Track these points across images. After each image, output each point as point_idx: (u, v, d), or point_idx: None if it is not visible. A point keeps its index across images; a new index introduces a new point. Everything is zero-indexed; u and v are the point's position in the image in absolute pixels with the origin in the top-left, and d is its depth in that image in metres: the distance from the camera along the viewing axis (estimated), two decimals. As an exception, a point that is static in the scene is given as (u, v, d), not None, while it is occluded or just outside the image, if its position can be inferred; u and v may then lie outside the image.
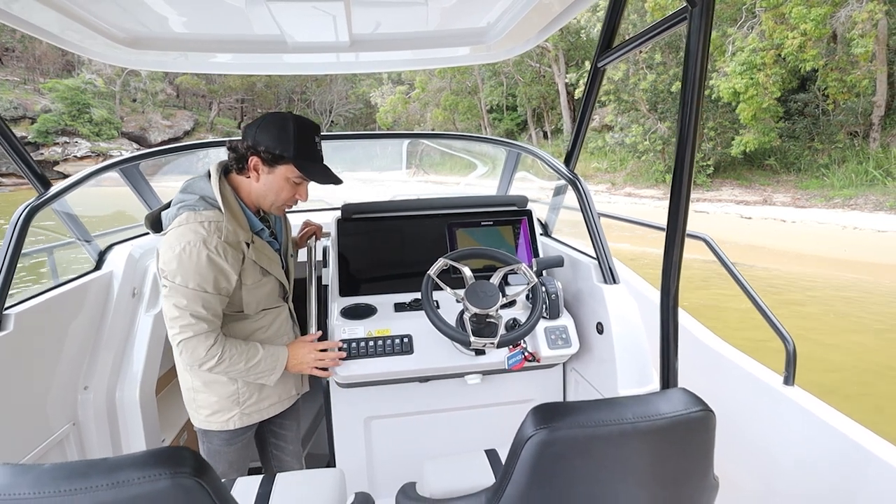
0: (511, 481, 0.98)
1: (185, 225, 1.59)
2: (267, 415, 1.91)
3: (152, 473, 0.75)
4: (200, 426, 1.86)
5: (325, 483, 1.55)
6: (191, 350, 1.63)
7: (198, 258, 1.57)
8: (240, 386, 1.82)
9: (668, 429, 0.98)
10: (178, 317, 1.60)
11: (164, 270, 1.60)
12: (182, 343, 1.62)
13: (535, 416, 0.97)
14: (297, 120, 1.68)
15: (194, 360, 1.65)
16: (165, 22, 1.88)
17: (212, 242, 1.59)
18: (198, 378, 1.81)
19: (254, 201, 1.76)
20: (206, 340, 1.63)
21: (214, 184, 1.66)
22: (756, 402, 1.72)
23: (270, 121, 1.67)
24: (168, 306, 1.62)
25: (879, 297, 9.19)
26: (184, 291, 1.59)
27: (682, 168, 1.35)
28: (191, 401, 1.85)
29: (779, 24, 15.06)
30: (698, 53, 1.26)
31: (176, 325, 1.61)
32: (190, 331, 1.61)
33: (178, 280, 1.58)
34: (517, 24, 1.95)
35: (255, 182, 1.71)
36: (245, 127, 1.70)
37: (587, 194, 2.21)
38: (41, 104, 34.62)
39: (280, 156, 1.65)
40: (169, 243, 1.59)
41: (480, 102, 31.44)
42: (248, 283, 1.73)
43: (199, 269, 1.58)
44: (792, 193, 16.40)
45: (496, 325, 1.85)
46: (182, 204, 1.64)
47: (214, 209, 1.64)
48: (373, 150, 16.10)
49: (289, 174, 1.69)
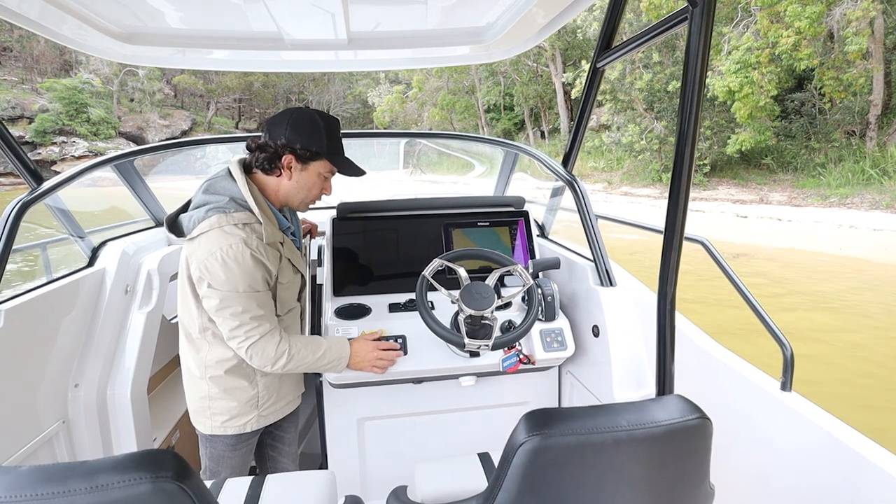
0: (502, 489, 0.97)
1: (218, 228, 1.56)
2: (281, 415, 1.93)
3: (133, 477, 0.74)
4: (214, 433, 1.82)
5: (315, 485, 1.53)
6: (261, 352, 1.63)
7: (243, 260, 1.56)
8: (260, 389, 1.82)
9: (664, 437, 0.96)
10: (238, 325, 1.60)
11: (209, 278, 1.57)
12: (251, 348, 1.62)
13: (527, 423, 0.95)
14: (323, 116, 1.70)
15: (266, 362, 1.64)
16: (162, 17, 1.86)
17: (252, 243, 1.58)
18: (217, 386, 1.77)
19: (281, 199, 1.76)
20: (272, 339, 1.64)
21: (242, 184, 1.64)
22: (753, 408, 1.71)
23: (299, 118, 1.66)
24: (224, 317, 1.60)
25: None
26: (237, 297, 1.57)
27: (680, 171, 1.33)
28: (203, 409, 1.81)
29: (774, 23, 15.09)
30: (699, 54, 1.25)
31: (241, 333, 1.60)
32: (256, 334, 1.61)
33: (228, 287, 1.56)
34: (516, 24, 1.94)
35: (286, 180, 1.70)
36: (269, 125, 1.67)
37: (584, 196, 2.20)
38: (39, 104, 34.53)
39: (316, 152, 1.67)
40: (208, 249, 1.55)
41: (478, 102, 31.42)
42: (284, 281, 1.74)
43: (246, 270, 1.57)
44: (788, 192, 16.42)
45: (491, 326, 1.83)
46: (211, 206, 1.60)
47: (245, 211, 1.62)
48: (370, 150, 16.07)
49: (321, 169, 1.71)
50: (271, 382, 1.85)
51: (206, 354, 1.75)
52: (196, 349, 1.77)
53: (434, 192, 19.60)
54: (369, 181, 1.99)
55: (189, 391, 1.85)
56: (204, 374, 1.77)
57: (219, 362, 1.75)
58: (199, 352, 1.77)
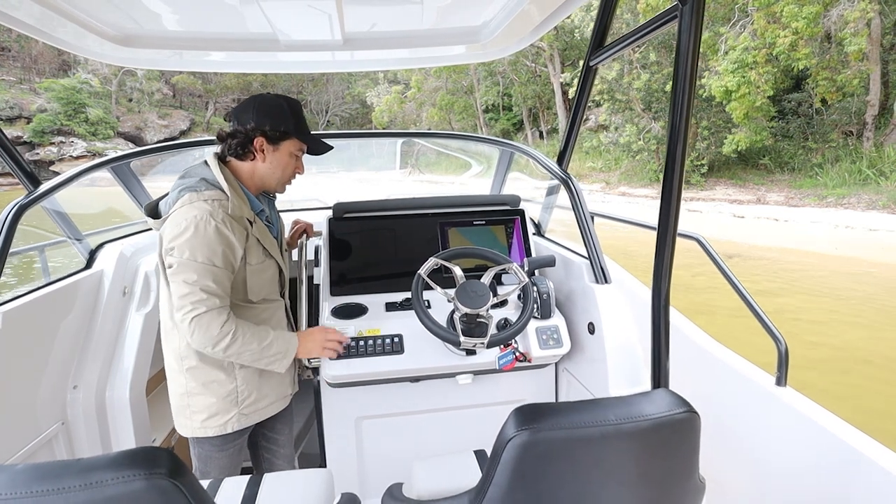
0: (493, 483, 0.98)
1: (188, 204, 1.61)
2: (265, 415, 1.90)
3: (127, 474, 0.74)
4: (194, 434, 1.80)
5: (312, 483, 1.54)
6: (204, 327, 1.60)
7: (205, 230, 1.58)
8: (239, 384, 1.79)
9: (652, 430, 0.97)
10: (188, 293, 1.59)
11: (171, 248, 1.60)
12: (195, 320, 1.59)
13: (516, 417, 0.97)
14: (286, 99, 1.78)
15: (207, 339, 1.61)
16: (158, 19, 1.87)
17: (218, 215, 1.61)
18: (194, 379, 1.76)
19: (257, 183, 1.82)
20: (218, 317, 1.62)
21: (214, 167, 1.71)
22: (748, 403, 1.72)
23: (264, 102, 1.75)
24: (177, 284, 1.60)
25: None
26: (193, 266, 1.58)
27: (672, 168, 1.35)
28: (183, 407, 1.79)
29: (771, 23, 15.10)
30: (689, 51, 1.26)
31: (187, 303, 1.59)
32: (203, 306, 1.60)
33: (186, 255, 1.58)
34: (511, 23, 1.95)
35: (260, 163, 1.77)
36: (236, 113, 1.75)
37: (579, 194, 2.21)
38: (37, 104, 34.51)
39: (285, 132, 1.75)
40: (175, 222, 1.60)
41: (476, 102, 31.42)
42: (252, 262, 1.75)
43: (206, 241, 1.59)
44: (785, 192, 16.43)
45: (486, 324, 1.84)
46: (182, 186, 1.66)
47: (216, 189, 1.67)
48: (368, 150, 16.07)
49: (292, 148, 1.79)
50: (250, 376, 1.81)
51: (180, 342, 1.75)
52: (171, 339, 1.78)
53: (431, 191, 19.61)
54: (367, 181, 2.01)
55: (171, 391, 1.83)
56: (181, 365, 1.77)
57: (194, 350, 1.74)
58: (174, 340, 1.77)
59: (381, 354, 2.00)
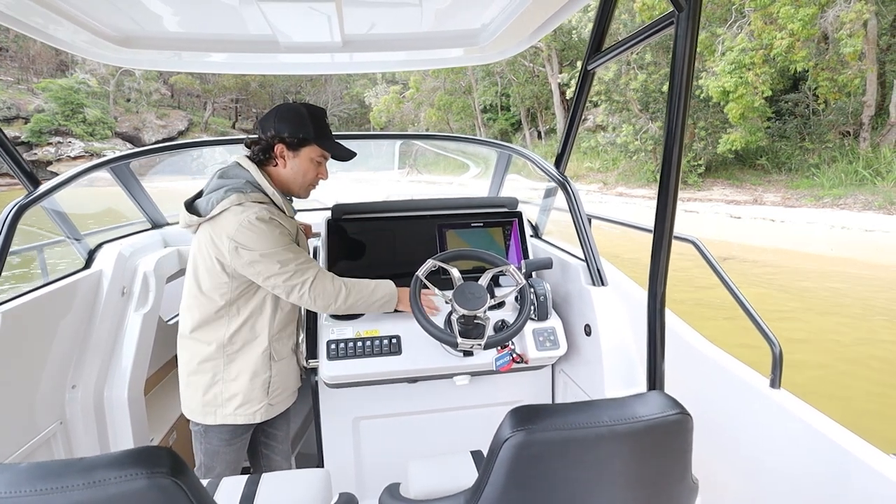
0: (489, 483, 0.99)
1: (238, 204, 1.69)
2: (282, 409, 1.98)
3: (128, 473, 0.75)
4: (224, 421, 1.85)
5: (310, 483, 1.55)
6: (322, 290, 1.74)
7: (269, 223, 1.69)
8: (273, 374, 1.88)
9: (645, 432, 0.98)
10: (292, 273, 1.70)
11: (245, 245, 1.67)
12: (312, 290, 1.72)
13: (512, 418, 0.98)
14: (308, 106, 1.85)
15: (331, 296, 1.75)
16: (158, 20, 1.88)
17: (274, 214, 1.73)
18: (233, 364, 1.83)
19: (281, 188, 1.88)
20: (325, 275, 1.77)
21: (255, 171, 1.79)
22: (742, 405, 1.73)
23: (285, 110, 1.83)
24: (274, 272, 1.69)
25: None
26: (277, 252, 1.69)
27: (669, 171, 1.36)
28: (217, 395, 1.84)
29: (767, 25, 15.12)
30: (685, 58, 1.27)
31: (297, 280, 1.71)
32: (310, 275, 1.73)
33: (268, 245, 1.67)
34: (510, 26, 1.96)
35: (282, 169, 1.85)
36: (261, 122, 1.83)
37: (576, 196, 2.22)
38: (35, 104, 34.44)
39: (304, 138, 1.81)
40: (236, 221, 1.67)
41: (474, 102, 31.42)
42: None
43: (274, 232, 1.70)
44: (782, 193, 16.46)
45: (484, 326, 1.86)
46: (228, 187, 1.73)
47: (259, 192, 1.76)
48: (367, 150, 16.07)
49: (312, 154, 1.85)
50: (284, 367, 1.92)
51: (227, 329, 1.81)
52: (215, 328, 1.81)
53: (428, 192, 19.62)
54: (366, 182, 2.04)
55: (196, 381, 1.85)
56: (221, 352, 1.81)
57: (242, 337, 1.82)
58: (220, 329, 1.81)
59: (379, 355, 2.01)
